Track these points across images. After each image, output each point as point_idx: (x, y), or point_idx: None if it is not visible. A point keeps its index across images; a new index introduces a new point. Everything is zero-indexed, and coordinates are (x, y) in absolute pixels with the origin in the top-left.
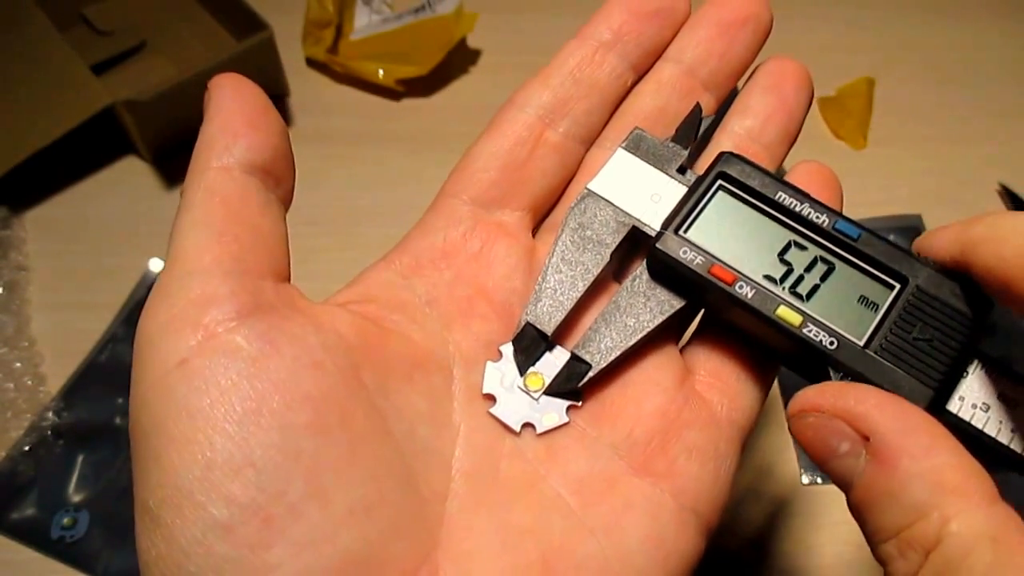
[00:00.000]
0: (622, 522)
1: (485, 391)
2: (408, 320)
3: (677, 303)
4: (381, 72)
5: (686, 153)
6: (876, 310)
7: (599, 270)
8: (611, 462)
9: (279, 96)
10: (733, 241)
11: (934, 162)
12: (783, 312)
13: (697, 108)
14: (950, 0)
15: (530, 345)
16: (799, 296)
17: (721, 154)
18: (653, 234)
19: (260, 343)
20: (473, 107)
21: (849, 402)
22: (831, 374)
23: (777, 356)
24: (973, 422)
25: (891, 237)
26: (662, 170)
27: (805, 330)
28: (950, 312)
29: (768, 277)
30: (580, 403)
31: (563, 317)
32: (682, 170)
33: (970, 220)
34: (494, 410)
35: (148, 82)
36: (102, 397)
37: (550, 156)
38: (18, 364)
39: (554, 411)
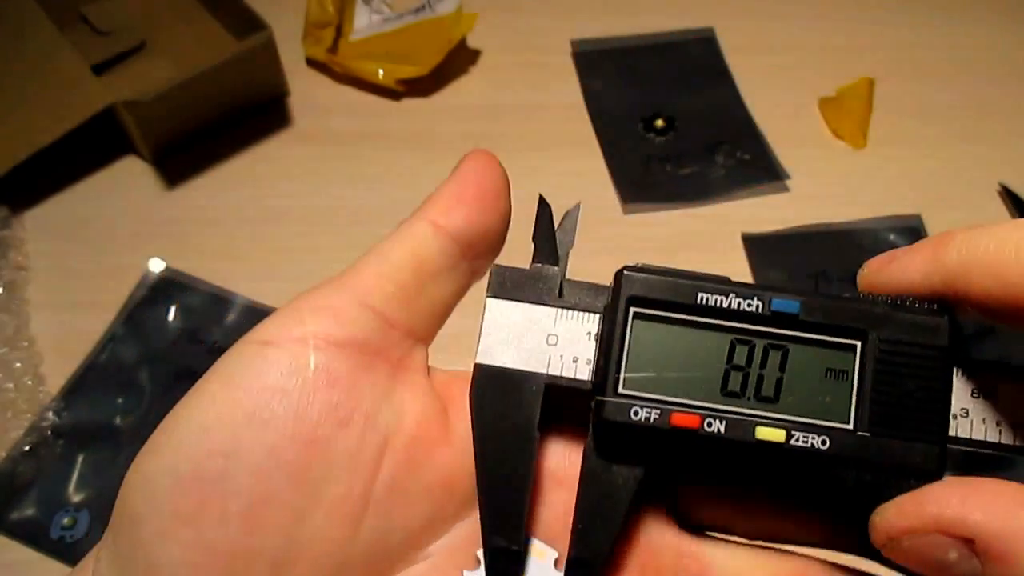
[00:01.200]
0: None
1: (479, 552)
2: None
3: (639, 470)
4: (381, 72)
5: (556, 269)
6: (848, 379)
7: (535, 454)
8: None
9: (279, 96)
10: (676, 371)
11: (934, 162)
12: (764, 433)
13: (544, 205)
14: (950, 0)
15: (507, 569)
16: (767, 400)
17: (619, 274)
18: (567, 383)
19: (322, 375)
20: (473, 107)
21: (933, 511)
22: (836, 475)
23: (760, 490)
24: (974, 436)
25: (891, 237)
26: (543, 303)
27: (793, 441)
28: (920, 350)
29: (730, 394)
30: None
31: (524, 521)
32: (561, 291)
33: (936, 244)
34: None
35: (148, 82)
36: (102, 397)
37: None
38: (18, 364)
39: None
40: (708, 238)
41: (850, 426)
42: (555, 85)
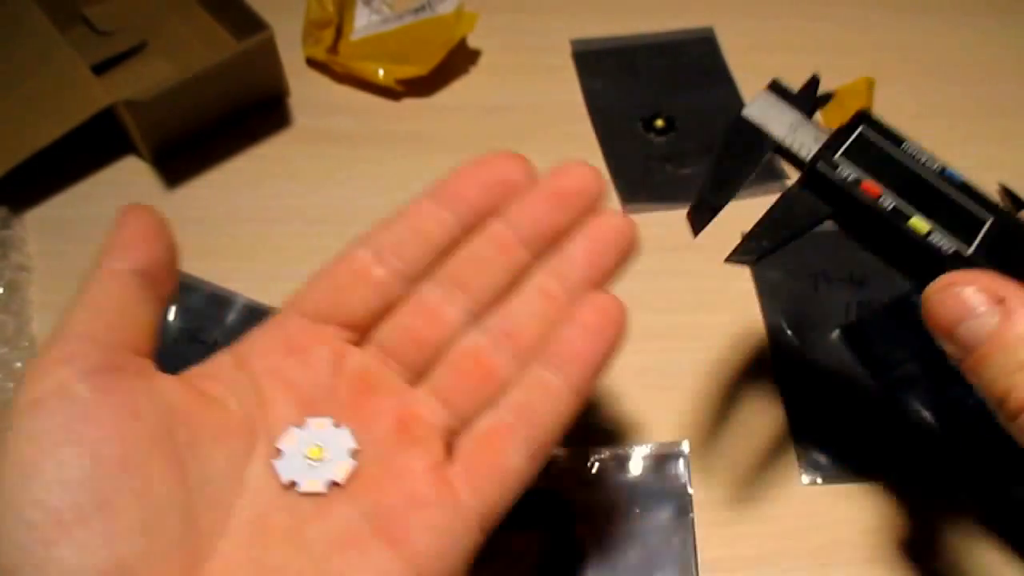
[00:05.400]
0: (353, 572)
1: (277, 444)
2: (232, 394)
3: (828, 209)
4: (381, 72)
5: (807, 112)
6: (980, 228)
7: (759, 160)
8: (359, 524)
9: (279, 96)
10: (873, 168)
11: None
12: (914, 223)
13: (814, 78)
14: (950, 0)
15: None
16: (928, 208)
17: (858, 112)
18: (797, 151)
19: (97, 392)
20: (473, 107)
21: (985, 280)
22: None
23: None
24: None
25: None
26: (796, 109)
27: (929, 238)
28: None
29: (901, 197)
30: (342, 482)
31: (735, 193)
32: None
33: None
34: (275, 461)
35: (148, 82)
36: None
37: (371, 287)
38: (19, 364)
39: (319, 480)
40: (708, 238)
41: (970, 252)
42: (555, 85)
